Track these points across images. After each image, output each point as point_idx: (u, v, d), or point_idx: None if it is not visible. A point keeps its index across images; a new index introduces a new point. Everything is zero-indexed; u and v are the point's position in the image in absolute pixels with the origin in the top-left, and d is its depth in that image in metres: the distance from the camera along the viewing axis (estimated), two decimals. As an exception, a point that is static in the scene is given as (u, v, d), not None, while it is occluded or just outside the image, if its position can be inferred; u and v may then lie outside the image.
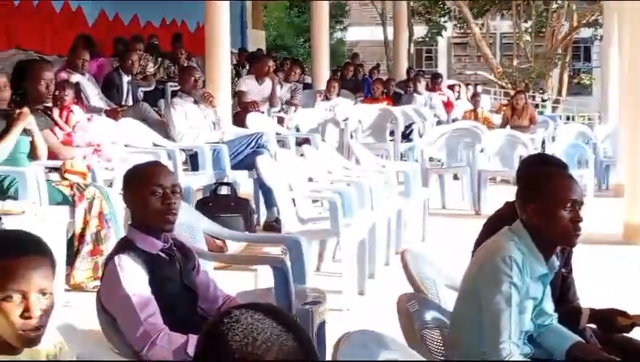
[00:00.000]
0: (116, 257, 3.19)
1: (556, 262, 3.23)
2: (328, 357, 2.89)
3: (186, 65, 12.36)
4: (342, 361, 2.41)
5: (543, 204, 3.11)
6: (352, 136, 10.99)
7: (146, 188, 3.27)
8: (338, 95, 12.56)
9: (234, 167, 7.66)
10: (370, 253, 6.61)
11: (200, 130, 7.91)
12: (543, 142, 13.56)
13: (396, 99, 14.31)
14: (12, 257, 2.29)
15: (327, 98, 12.36)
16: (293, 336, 1.73)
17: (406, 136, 11.95)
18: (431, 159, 10.95)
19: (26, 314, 2.27)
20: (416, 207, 8.24)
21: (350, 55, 22.71)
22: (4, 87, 5.49)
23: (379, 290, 6.33)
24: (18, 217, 4.72)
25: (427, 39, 35.72)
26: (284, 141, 9.03)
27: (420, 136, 11.68)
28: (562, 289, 3.72)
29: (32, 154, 5.60)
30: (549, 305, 3.29)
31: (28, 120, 5.40)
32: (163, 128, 8.29)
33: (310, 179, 7.26)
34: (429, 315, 3.31)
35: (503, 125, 13.74)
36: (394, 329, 3.12)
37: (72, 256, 5.20)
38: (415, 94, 14.38)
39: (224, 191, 7.16)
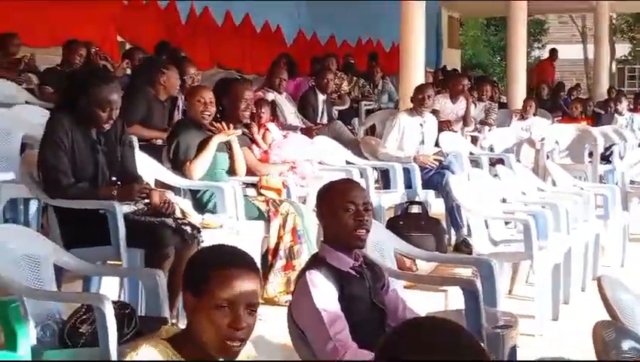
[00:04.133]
0: (308, 272, 3.24)
1: None
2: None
3: (380, 84, 12.51)
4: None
5: None
6: (548, 157, 10.70)
7: (339, 204, 3.30)
8: (534, 114, 12.28)
9: (419, 187, 7.64)
10: (565, 278, 6.42)
11: (410, 148, 7.90)
12: None
13: (596, 120, 13.85)
14: (230, 267, 2.33)
15: (523, 117, 12.10)
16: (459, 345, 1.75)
17: (605, 158, 11.51)
18: (632, 182, 10.50)
19: (234, 324, 2.28)
20: (616, 232, 7.94)
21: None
22: (210, 102, 5.64)
23: (573, 316, 6.14)
24: (216, 231, 4.87)
25: (630, 58, 34.37)
26: (478, 161, 8.93)
27: (621, 158, 11.22)
28: None
29: (231, 170, 5.79)
30: None
31: (223, 136, 5.59)
32: (356, 146, 8.38)
33: (504, 200, 7.14)
34: (627, 344, 3.16)
35: None
36: (588, 356, 3.01)
37: (265, 270, 5.33)
38: (616, 115, 13.87)
39: (415, 210, 7.15)
